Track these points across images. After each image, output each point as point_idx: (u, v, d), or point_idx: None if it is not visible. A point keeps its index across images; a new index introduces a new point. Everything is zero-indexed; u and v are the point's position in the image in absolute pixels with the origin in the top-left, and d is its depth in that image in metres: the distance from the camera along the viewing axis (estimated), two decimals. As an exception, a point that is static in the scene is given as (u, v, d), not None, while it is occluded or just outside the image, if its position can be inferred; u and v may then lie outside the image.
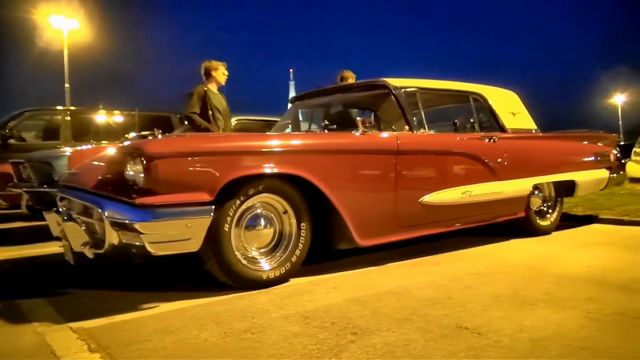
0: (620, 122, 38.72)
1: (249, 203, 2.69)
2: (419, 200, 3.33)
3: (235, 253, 2.62)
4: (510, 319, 2.09)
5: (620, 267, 3.02)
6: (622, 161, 11.57)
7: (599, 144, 4.90)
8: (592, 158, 4.71)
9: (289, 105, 4.50)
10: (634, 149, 10.69)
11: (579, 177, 4.51)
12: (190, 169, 2.42)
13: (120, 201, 2.37)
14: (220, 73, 4.51)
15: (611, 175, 4.83)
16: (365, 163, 3.14)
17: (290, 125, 4.32)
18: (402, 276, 2.91)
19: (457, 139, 3.77)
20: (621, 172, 5.30)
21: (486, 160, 3.75)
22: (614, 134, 5.37)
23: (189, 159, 2.43)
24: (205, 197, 2.41)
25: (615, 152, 4.99)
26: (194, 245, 2.42)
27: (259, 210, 2.77)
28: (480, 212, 3.76)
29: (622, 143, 15.18)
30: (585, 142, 4.86)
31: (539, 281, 2.71)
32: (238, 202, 2.60)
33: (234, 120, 5.82)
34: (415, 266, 3.18)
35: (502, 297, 2.41)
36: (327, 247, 3.16)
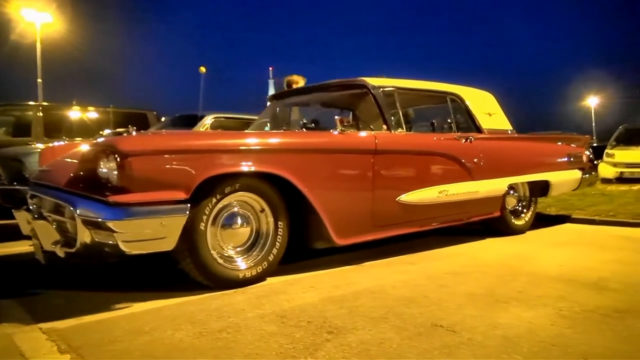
0: (593, 125, 39.68)
1: (225, 201, 2.68)
2: (396, 199, 3.36)
3: (211, 252, 2.60)
4: (483, 317, 2.13)
5: (590, 265, 3.11)
6: (595, 162, 11.93)
7: (573, 145, 5.03)
8: (566, 159, 4.83)
9: (268, 104, 4.48)
10: (606, 151, 11.02)
11: (553, 177, 4.62)
12: (166, 166, 2.40)
13: (93, 199, 2.33)
14: (302, 83, 4.83)
15: (584, 176, 4.96)
16: (343, 162, 3.15)
17: (268, 124, 4.31)
18: (378, 275, 2.93)
19: (435, 139, 3.82)
20: (593, 173, 5.46)
21: (463, 160, 3.81)
22: (587, 136, 5.53)
23: (164, 156, 2.40)
24: (181, 195, 2.39)
25: (588, 153, 5.13)
26: (168, 244, 2.40)
27: (235, 209, 2.76)
28: (456, 211, 3.82)
29: (595, 144, 15.65)
30: (559, 144, 4.99)
31: (512, 280, 2.76)
32: (214, 200, 2.58)
33: (210, 118, 5.79)
34: (391, 265, 3.20)
35: (477, 295, 2.46)
36: (304, 246, 3.16)
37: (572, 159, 4.86)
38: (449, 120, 4.03)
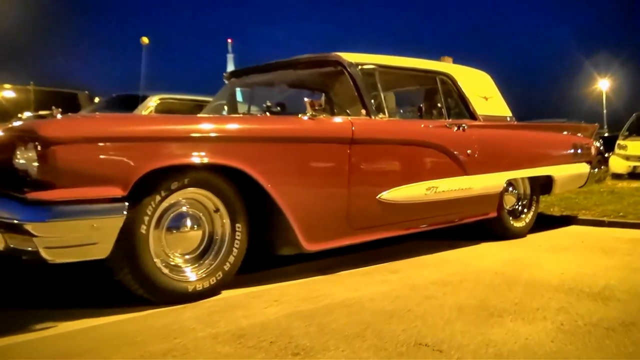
0: (604, 112, 40.69)
1: (171, 199, 2.66)
2: (377, 197, 3.40)
3: (155, 260, 2.58)
4: (475, 332, 2.18)
5: (594, 272, 3.21)
6: (606, 155, 12.29)
7: (579, 135, 5.17)
8: (572, 151, 4.97)
9: (225, 83, 4.45)
10: (618, 142, 11.33)
11: (557, 172, 4.74)
12: (99, 157, 2.37)
13: (8, 196, 2.29)
14: None
15: (592, 171, 5.11)
16: (313, 153, 3.17)
17: (225, 107, 4.29)
18: (354, 286, 2.94)
19: (422, 126, 3.88)
20: (603, 168, 5.64)
21: (454, 152, 3.88)
22: (594, 124, 5.71)
23: (97, 144, 2.37)
24: (117, 191, 2.36)
25: (597, 144, 5.29)
26: (102, 251, 2.37)
27: (184, 209, 2.75)
28: (446, 211, 3.89)
29: (606, 135, 16.02)
30: (565, 133, 5.12)
31: (508, 290, 2.83)
32: (158, 198, 2.56)
33: (155, 100, 5.72)
34: (370, 274, 3.22)
35: (467, 308, 2.51)
36: (267, 253, 3.16)
37: (578, 151, 4.99)
38: (438, 105, 4.07)
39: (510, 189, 4.49)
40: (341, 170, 3.23)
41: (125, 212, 2.37)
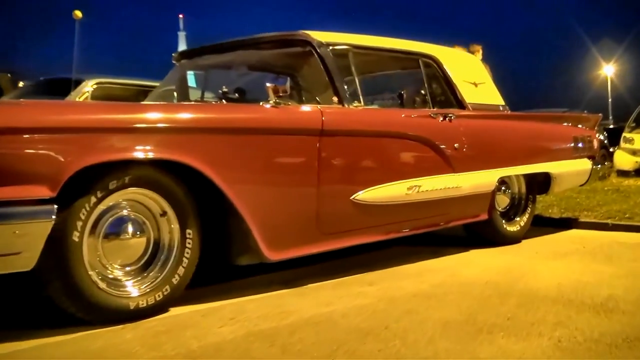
0: (609, 100, 41.42)
1: (110, 201, 2.62)
2: (351, 198, 3.40)
3: (89, 273, 2.54)
4: (461, 351, 2.21)
5: (597, 281, 3.27)
6: (610, 149, 12.48)
7: (581, 126, 5.28)
8: (572, 145, 5.05)
9: (174, 65, 4.41)
10: (624, 134, 11.55)
11: (556, 168, 4.81)
12: (22, 151, 2.32)
13: None
14: (479, 55, 6.40)
15: (594, 167, 5.21)
16: (277, 147, 3.17)
17: (174, 93, 4.25)
18: (325, 300, 2.93)
19: (403, 116, 3.90)
20: (607, 163, 5.77)
21: (440, 145, 3.90)
22: (598, 115, 5.84)
23: (21, 136, 2.32)
24: (44, 192, 2.31)
25: (600, 137, 5.42)
26: (26, 261, 2.32)
27: (125, 212, 2.71)
28: (430, 213, 3.92)
29: (611, 126, 16.34)
30: (565, 125, 5.23)
31: (499, 303, 2.85)
32: (94, 200, 2.52)
33: (91, 84, 5.64)
34: (343, 286, 3.22)
35: (453, 324, 2.53)
36: (223, 263, 3.15)
37: (580, 145, 5.07)
38: (421, 92, 4.08)
39: (503, 188, 4.54)
40: (309, 166, 3.23)
41: (53, 216, 2.33)
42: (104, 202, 2.58)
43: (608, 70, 44.50)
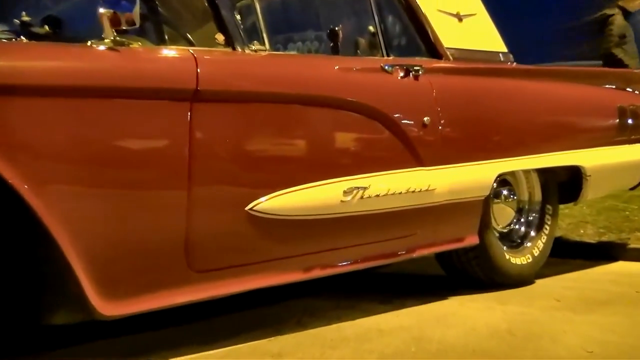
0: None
1: None
2: (247, 208, 2.51)
3: None
4: None
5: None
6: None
7: (630, 90, 4.21)
8: (617, 121, 3.98)
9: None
10: None
11: (591, 160, 3.72)
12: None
13: None
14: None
15: None
16: (116, 120, 2.31)
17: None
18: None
19: (336, 68, 2.96)
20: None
21: (399, 120, 2.93)
22: None
23: None
24: None
25: None
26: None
27: None
28: (383, 236, 2.98)
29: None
30: (604, 87, 4.16)
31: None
32: None
33: None
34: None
35: None
36: (31, 323, 2.46)
37: (628, 122, 4.02)
38: (369, 29, 3.19)
39: (505, 192, 3.50)
40: (174, 153, 2.35)
41: None
42: None
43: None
